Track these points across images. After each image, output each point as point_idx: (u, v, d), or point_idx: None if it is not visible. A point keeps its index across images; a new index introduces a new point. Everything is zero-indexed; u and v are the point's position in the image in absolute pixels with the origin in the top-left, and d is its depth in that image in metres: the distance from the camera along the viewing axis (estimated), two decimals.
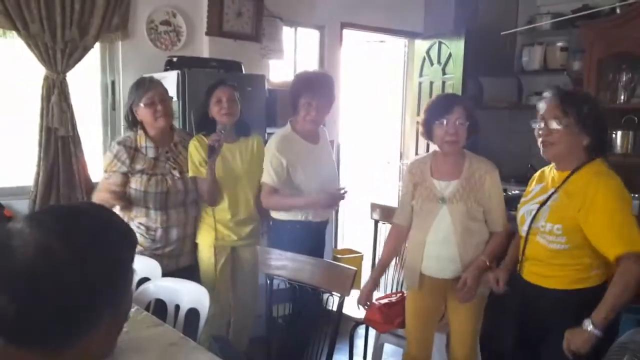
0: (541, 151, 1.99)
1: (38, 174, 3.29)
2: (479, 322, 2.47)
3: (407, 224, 2.48)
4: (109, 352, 0.90)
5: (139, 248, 2.66)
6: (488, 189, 2.32)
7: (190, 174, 2.75)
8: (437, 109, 2.34)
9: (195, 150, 2.73)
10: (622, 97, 3.43)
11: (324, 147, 2.88)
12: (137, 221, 2.71)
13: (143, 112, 2.69)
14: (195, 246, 2.85)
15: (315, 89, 2.66)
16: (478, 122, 2.39)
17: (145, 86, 2.72)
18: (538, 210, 1.99)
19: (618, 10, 3.60)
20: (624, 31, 3.32)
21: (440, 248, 2.34)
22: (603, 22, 3.62)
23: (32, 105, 3.28)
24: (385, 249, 2.57)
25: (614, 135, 3.41)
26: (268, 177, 2.70)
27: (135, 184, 2.67)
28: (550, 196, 1.99)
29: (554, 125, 1.93)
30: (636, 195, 3.27)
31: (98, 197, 2.68)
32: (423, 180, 2.40)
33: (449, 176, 2.37)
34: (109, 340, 0.89)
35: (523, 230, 2.05)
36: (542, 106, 2.00)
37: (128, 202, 2.70)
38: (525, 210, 2.09)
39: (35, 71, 3.26)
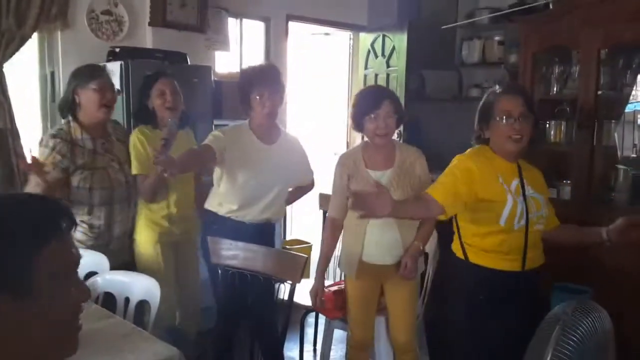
0: (509, 146, 2.07)
1: None
2: (416, 305, 2.58)
3: (343, 216, 2.54)
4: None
5: (80, 246, 2.59)
6: (419, 174, 2.45)
7: (134, 171, 2.63)
8: (366, 104, 2.42)
9: (140, 146, 2.61)
10: (555, 89, 3.60)
11: (280, 153, 2.70)
12: (78, 219, 2.59)
13: (89, 97, 2.53)
14: (131, 243, 2.75)
15: (265, 80, 2.61)
16: (404, 114, 2.51)
17: (98, 71, 2.61)
18: (526, 202, 2.09)
19: (551, 6, 3.77)
20: (557, 26, 3.48)
21: (381, 234, 2.43)
22: (537, 17, 3.78)
23: None
24: (326, 243, 2.58)
25: (547, 125, 3.58)
26: (206, 141, 2.58)
27: (78, 182, 2.52)
28: (522, 187, 2.11)
29: (524, 121, 2.06)
30: (568, 182, 3.47)
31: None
32: (357, 171, 2.46)
33: (382, 166, 2.46)
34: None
35: (518, 224, 2.07)
36: (505, 103, 2.08)
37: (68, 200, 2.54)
38: (519, 205, 2.08)
39: None
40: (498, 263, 2.12)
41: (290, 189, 2.88)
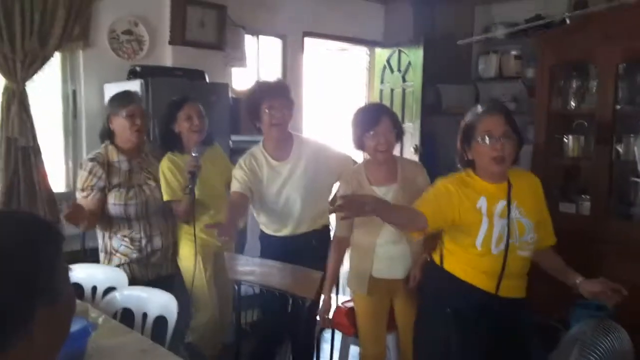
0: (492, 167, 1.99)
1: None
2: None
3: (349, 234, 2.53)
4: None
5: (124, 259, 2.65)
6: (421, 187, 2.42)
7: (165, 197, 2.69)
8: (365, 122, 2.42)
9: (171, 174, 2.69)
10: (573, 103, 3.58)
11: (295, 165, 2.65)
12: (120, 234, 2.66)
13: (121, 123, 2.64)
14: (175, 256, 2.82)
15: (275, 92, 2.63)
16: (401, 127, 2.52)
17: (130, 98, 2.70)
18: (508, 226, 2.01)
19: (568, 21, 3.76)
20: (574, 40, 3.47)
21: (391, 249, 2.43)
22: (554, 32, 3.77)
23: None
24: (332, 263, 2.54)
25: (565, 140, 3.55)
26: (235, 184, 2.61)
27: (114, 199, 2.62)
28: (508, 209, 2.03)
29: (506, 141, 1.98)
30: (586, 197, 3.43)
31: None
32: (361, 188, 2.46)
33: (386, 181, 2.47)
34: (55, 335, 0.87)
35: (497, 248, 2.01)
36: (487, 123, 2.00)
37: (107, 221, 2.66)
38: (498, 226, 2.02)
39: None
40: (470, 277, 2.07)
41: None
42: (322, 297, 2.56)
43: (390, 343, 2.67)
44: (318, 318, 2.58)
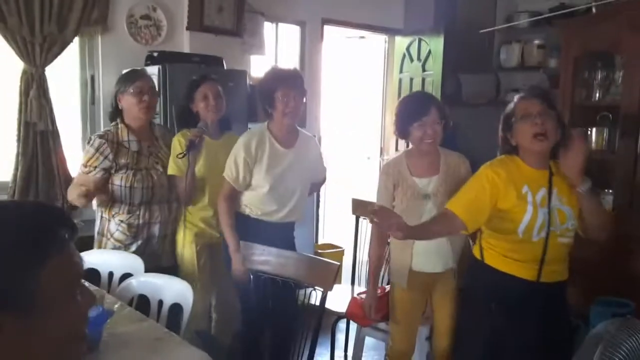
0: (535, 145, 2.02)
1: (17, 169, 3.25)
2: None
3: None
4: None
5: (118, 245, 2.64)
6: (464, 178, 2.39)
7: (169, 171, 2.68)
8: (412, 111, 2.38)
9: (179, 147, 2.66)
10: (597, 95, 3.50)
11: (298, 155, 2.70)
12: (117, 219, 2.65)
13: (128, 101, 2.62)
14: (174, 247, 2.80)
15: (290, 80, 2.62)
16: (449, 118, 2.46)
17: (136, 75, 2.68)
18: (549, 214, 2.02)
19: (594, 10, 3.66)
20: (599, 30, 3.38)
21: (430, 243, 2.38)
22: (579, 21, 3.68)
23: (11, 100, 3.25)
24: (373, 253, 2.54)
25: (589, 132, 3.48)
26: (229, 173, 2.62)
27: (120, 180, 2.60)
28: (549, 197, 2.04)
29: (546, 118, 2.01)
30: (610, 191, 3.36)
31: (71, 194, 2.62)
32: (402, 180, 2.43)
33: (428, 173, 2.42)
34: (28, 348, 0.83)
35: (538, 235, 2.03)
36: (523, 106, 2.06)
37: (108, 199, 2.65)
38: (541, 214, 2.03)
39: (13, 65, 3.22)
40: (512, 268, 2.08)
41: None
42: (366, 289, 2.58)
43: (418, 336, 2.64)
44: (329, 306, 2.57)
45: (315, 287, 2.18)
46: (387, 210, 2.12)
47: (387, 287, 2.64)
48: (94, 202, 2.70)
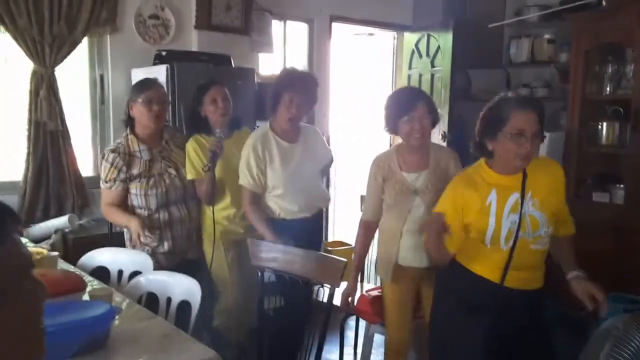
0: (517, 164, 1.94)
1: (27, 169, 3.28)
2: None
3: (377, 218, 2.51)
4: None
5: (147, 249, 2.65)
6: (452, 174, 2.38)
7: (189, 176, 2.74)
8: (400, 106, 2.37)
9: (195, 154, 2.72)
10: (608, 89, 3.46)
11: (305, 147, 2.77)
12: None
13: (139, 109, 2.67)
14: (201, 240, 2.85)
15: (298, 86, 2.65)
16: (437, 113, 2.46)
17: (147, 85, 2.72)
18: (520, 220, 1.96)
19: (604, 2, 3.62)
20: (610, 23, 3.34)
21: (417, 238, 2.38)
22: (590, 14, 3.64)
23: (21, 100, 3.27)
24: (359, 245, 2.57)
25: (599, 127, 3.44)
26: (245, 179, 2.69)
27: (135, 189, 2.66)
28: (521, 203, 1.97)
29: (535, 140, 1.92)
30: (621, 186, 3.32)
31: (112, 216, 2.72)
32: (392, 174, 2.43)
33: (417, 168, 2.42)
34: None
35: (507, 244, 1.98)
36: (520, 120, 1.90)
37: (130, 210, 2.69)
38: (507, 223, 1.98)
39: (23, 66, 3.25)
40: (477, 268, 2.06)
41: None
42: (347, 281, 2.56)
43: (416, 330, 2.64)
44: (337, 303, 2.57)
45: (323, 284, 2.18)
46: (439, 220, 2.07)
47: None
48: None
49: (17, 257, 0.84)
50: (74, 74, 3.55)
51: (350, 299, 2.56)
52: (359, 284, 3.22)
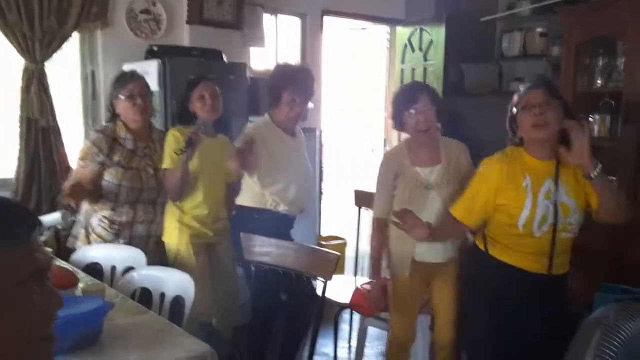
0: (535, 134, 2.02)
1: (19, 165, 3.27)
2: (460, 302, 2.53)
3: (389, 215, 2.51)
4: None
5: (99, 240, 2.64)
6: (464, 166, 2.41)
7: (164, 165, 2.65)
8: (404, 101, 2.39)
9: (174, 140, 2.64)
10: (599, 82, 3.47)
11: (301, 144, 2.84)
12: (100, 214, 2.65)
13: (122, 106, 2.64)
14: (159, 248, 2.76)
15: (300, 84, 2.64)
16: (444, 106, 2.48)
17: (126, 79, 2.67)
18: (555, 207, 2.01)
19: None
20: (602, 16, 3.35)
21: None
22: (581, 8, 3.64)
23: (12, 97, 3.25)
24: (375, 244, 2.55)
25: (591, 120, 3.45)
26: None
27: (110, 177, 2.61)
28: (556, 189, 2.02)
29: (547, 108, 1.99)
30: (612, 178, 3.33)
31: (67, 187, 2.59)
32: (404, 170, 2.42)
33: (430, 162, 2.42)
34: None
35: (540, 230, 2.01)
36: (527, 98, 2.05)
37: (97, 196, 2.65)
38: (542, 209, 2.02)
39: (14, 62, 3.22)
40: (518, 261, 2.07)
41: None
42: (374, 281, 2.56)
43: (419, 325, 2.65)
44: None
45: (317, 278, 2.19)
46: (409, 212, 2.16)
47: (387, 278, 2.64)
48: None
49: (29, 262, 0.82)
50: (65, 70, 3.53)
51: (379, 302, 2.54)
52: (353, 278, 3.24)
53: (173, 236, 2.72)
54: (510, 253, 2.09)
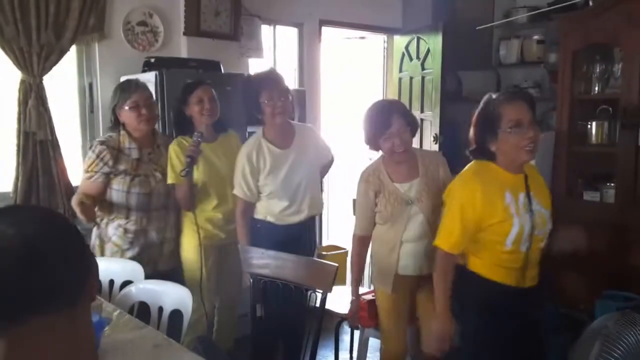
0: (524, 157, 1.95)
1: (17, 179, 3.25)
2: None
3: (370, 232, 2.51)
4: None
5: (116, 249, 2.65)
6: (442, 178, 2.41)
7: (169, 180, 2.69)
8: (376, 125, 2.36)
9: (176, 158, 2.67)
10: (596, 88, 3.47)
11: (299, 150, 2.75)
12: (116, 222, 2.67)
13: (127, 115, 2.65)
14: (175, 251, 2.80)
15: (271, 82, 2.64)
16: (416, 121, 2.47)
17: (131, 89, 2.68)
18: (532, 220, 1.98)
19: (591, 3, 3.64)
20: (598, 23, 3.36)
21: (417, 245, 2.39)
22: (577, 15, 3.66)
23: (9, 111, 3.25)
24: (356, 262, 2.55)
25: (588, 126, 3.46)
26: (240, 190, 2.68)
27: (118, 185, 2.63)
28: (529, 201, 1.99)
29: (535, 128, 1.95)
30: (611, 184, 3.33)
31: (73, 201, 2.63)
32: (384, 187, 2.42)
33: (408, 177, 2.42)
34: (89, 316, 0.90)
35: (525, 244, 1.99)
36: (513, 111, 1.94)
37: (108, 204, 2.66)
38: (527, 223, 1.99)
39: (11, 75, 3.22)
40: (497, 275, 2.04)
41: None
42: (351, 298, 2.57)
43: (408, 336, 2.63)
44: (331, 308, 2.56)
45: (316, 290, 2.18)
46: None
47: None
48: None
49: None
50: (62, 82, 3.53)
51: (356, 316, 2.58)
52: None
53: (185, 237, 2.78)
54: (489, 267, 2.05)
